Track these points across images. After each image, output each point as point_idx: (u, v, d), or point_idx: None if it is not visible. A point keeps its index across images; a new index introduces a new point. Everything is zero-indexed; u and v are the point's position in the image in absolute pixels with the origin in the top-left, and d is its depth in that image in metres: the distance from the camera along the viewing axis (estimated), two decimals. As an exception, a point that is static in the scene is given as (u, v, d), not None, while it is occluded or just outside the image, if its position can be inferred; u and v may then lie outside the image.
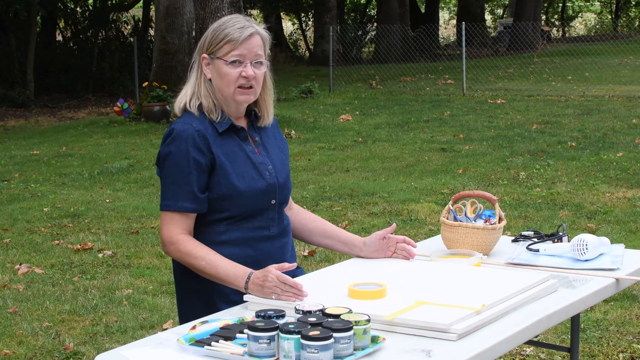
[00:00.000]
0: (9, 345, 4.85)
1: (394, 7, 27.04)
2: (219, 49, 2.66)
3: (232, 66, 2.65)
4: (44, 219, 7.91)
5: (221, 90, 2.68)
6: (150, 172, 10.15)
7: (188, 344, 2.16)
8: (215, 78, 2.68)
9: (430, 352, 2.10)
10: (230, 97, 2.68)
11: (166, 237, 2.61)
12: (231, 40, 2.65)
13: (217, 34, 2.68)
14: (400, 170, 9.72)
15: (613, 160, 9.59)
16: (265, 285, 2.42)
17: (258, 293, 2.45)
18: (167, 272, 6.14)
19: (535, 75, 19.61)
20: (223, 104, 2.70)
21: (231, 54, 2.65)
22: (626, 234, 6.70)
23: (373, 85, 19.18)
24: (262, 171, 2.69)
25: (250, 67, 2.65)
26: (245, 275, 2.50)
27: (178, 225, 2.60)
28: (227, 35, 2.65)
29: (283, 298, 2.39)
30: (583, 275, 2.77)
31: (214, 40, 2.67)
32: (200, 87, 2.69)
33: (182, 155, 2.60)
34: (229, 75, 2.65)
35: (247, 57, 2.65)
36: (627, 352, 4.47)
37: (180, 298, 2.77)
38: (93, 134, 14.12)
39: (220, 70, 2.66)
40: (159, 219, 2.65)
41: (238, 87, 2.66)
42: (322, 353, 2.00)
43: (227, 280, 2.54)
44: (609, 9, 43.38)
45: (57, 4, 24.18)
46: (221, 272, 2.55)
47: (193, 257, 2.57)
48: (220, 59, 2.66)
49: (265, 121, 2.79)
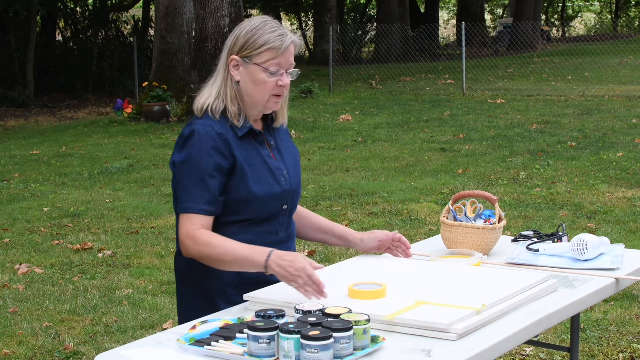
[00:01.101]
0: (9, 345, 4.85)
1: (394, 7, 27.04)
2: (258, 55, 2.59)
3: (270, 75, 2.60)
4: (44, 219, 7.91)
5: (252, 95, 2.63)
6: (150, 172, 10.15)
7: (188, 344, 2.16)
8: (246, 82, 2.62)
9: (430, 352, 2.10)
10: (262, 104, 2.64)
11: (184, 234, 2.54)
12: (273, 49, 2.58)
13: (255, 38, 2.59)
14: (400, 170, 9.72)
15: (613, 160, 9.59)
16: (289, 270, 2.39)
17: (279, 273, 2.41)
18: (167, 272, 6.14)
19: (535, 75, 19.61)
20: (249, 107, 2.66)
21: (271, 63, 2.59)
22: (626, 234, 6.70)
23: (373, 85, 19.18)
24: (278, 177, 2.67)
25: (286, 77, 2.62)
26: (265, 253, 2.45)
27: (197, 223, 2.54)
28: (268, 43, 2.58)
29: (301, 290, 2.37)
30: (583, 275, 2.77)
31: (251, 44, 2.59)
32: (227, 89, 2.63)
33: (204, 157, 2.55)
34: (266, 84, 2.60)
35: (284, 65, 2.61)
36: (627, 352, 4.47)
37: (182, 298, 2.76)
38: (93, 134, 14.12)
39: (255, 76, 2.60)
40: (177, 222, 2.58)
41: (272, 95, 2.62)
42: (322, 353, 2.00)
43: (246, 260, 2.48)
44: (609, 9, 43.39)
45: (57, 4, 24.18)
46: (239, 254, 2.49)
47: (211, 246, 2.51)
48: (259, 66, 2.59)
49: (280, 121, 2.77)
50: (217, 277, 2.62)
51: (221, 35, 14.21)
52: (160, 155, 11.41)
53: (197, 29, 14.70)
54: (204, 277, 2.63)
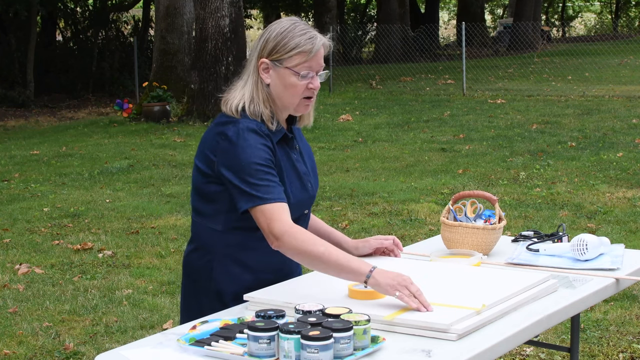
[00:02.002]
0: (9, 345, 4.85)
1: (394, 7, 27.04)
2: (289, 59, 2.57)
3: (301, 78, 2.58)
4: (44, 219, 7.91)
5: (282, 98, 2.61)
6: (150, 172, 10.15)
7: (188, 344, 2.15)
8: (277, 85, 2.60)
9: (430, 352, 2.10)
10: (293, 107, 2.63)
11: (280, 228, 2.48)
12: (304, 52, 2.56)
13: (285, 41, 2.57)
14: (400, 170, 9.72)
15: (613, 160, 9.59)
16: (397, 280, 2.35)
17: (384, 283, 2.36)
18: (167, 272, 6.15)
19: (535, 75, 19.61)
20: (279, 110, 2.64)
21: (302, 66, 2.57)
22: (626, 234, 6.70)
23: (373, 85, 19.18)
24: (305, 182, 2.67)
25: (316, 79, 2.60)
26: (369, 265, 2.42)
27: (287, 214, 2.51)
28: (299, 46, 2.56)
29: (405, 300, 2.33)
30: (583, 275, 2.77)
31: (281, 48, 2.57)
32: (259, 93, 2.60)
33: (261, 152, 2.52)
34: (297, 87, 2.58)
35: (314, 68, 2.59)
36: (627, 352, 4.47)
37: (188, 296, 2.73)
38: (93, 134, 14.12)
39: (286, 80, 2.58)
40: (258, 216, 2.50)
41: (303, 98, 2.61)
42: (322, 353, 2.00)
43: (349, 266, 2.43)
44: (609, 9, 43.40)
45: (57, 4, 24.18)
46: (342, 257, 2.44)
47: (312, 243, 2.47)
48: (290, 69, 2.57)
49: (304, 122, 2.75)
50: (236, 279, 2.62)
51: (221, 35, 14.20)
52: (160, 155, 11.41)
53: (197, 29, 14.69)
54: (221, 278, 2.62)
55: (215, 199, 2.61)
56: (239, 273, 2.62)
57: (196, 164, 2.65)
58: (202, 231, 2.66)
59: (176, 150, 11.74)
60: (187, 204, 8.30)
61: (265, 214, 2.49)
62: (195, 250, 2.68)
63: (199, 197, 2.65)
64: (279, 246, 2.50)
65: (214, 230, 2.63)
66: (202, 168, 2.61)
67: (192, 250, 2.70)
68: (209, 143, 2.59)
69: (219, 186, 2.58)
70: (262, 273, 2.64)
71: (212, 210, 2.62)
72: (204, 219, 2.65)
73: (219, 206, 2.60)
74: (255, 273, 2.64)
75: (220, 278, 2.62)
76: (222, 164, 2.55)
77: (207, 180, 2.61)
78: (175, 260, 6.44)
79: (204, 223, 2.65)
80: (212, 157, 2.57)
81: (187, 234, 7.18)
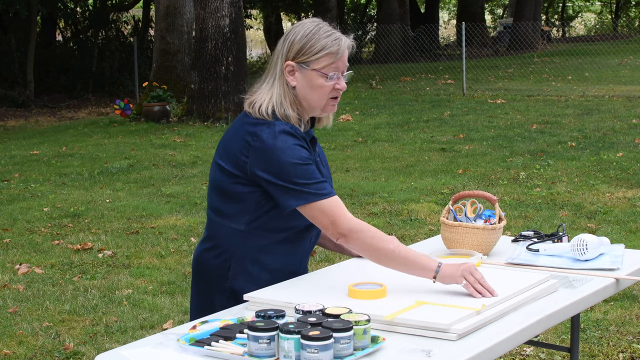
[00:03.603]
0: (9, 345, 4.85)
1: (394, 7, 27.04)
2: (316, 61, 2.58)
3: (329, 79, 2.60)
4: (44, 219, 7.91)
5: (310, 100, 2.62)
6: (150, 172, 10.15)
7: (188, 344, 2.16)
8: (303, 87, 2.61)
9: (430, 352, 2.10)
10: (320, 108, 2.64)
11: (346, 225, 2.51)
12: (330, 54, 2.58)
13: (312, 43, 2.59)
14: (400, 170, 9.72)
15: (613, 160, 9.59)
16: (461, 268, 2.46)
17: (451, 274, 2.47)
18: (167, 272, 6.15)
19: (535, 75, 19.61)
20: (305, 112, 2.65)
21: (330, 68, 2.59)
22: (626, 234, 6.70)
23: (373, 85, 19.18)
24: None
25: (342, 80, 2.63)
26: (435, 261, 2.51)
27: (346, 209, 2.55)
28: (325, 47, 2.58)
29: (470, 289, 2.43)
30: (583, 275, 2.77)
31: (308, 50, 2.58)
32: (286, 95, 2.61)
33: (302, 150, 2.55)
34: (324, 88, 2.60)
35: (340, 69, 2.62)
36: (627, 352, 4.47)
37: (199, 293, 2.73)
38: (93, 134, 14.12)
39: (313, 81, 2.60)
40: (316, 214, 2.52)
41: (330, 98, 2.63)
42: (322, 353, 2.00)
43: (419, 262, 2.51)
44: (609, 9, 43.39)
45: (57, 4, 24.18)
46: (410, 254, 2.52)
47: (382, 240, 2.51)
48: (317, 71, 2.59)
49: (323, 123, 2.77)
50: (253, 278, 2.62)
51: (221, 35, 14.20)
52: (160, 155, 11.41)
53: (197, 29, 14.69)
54: (238, 277, 2.63)
55: (241, 198, 2.60)
56: (257, 272, 2.63)
57: (219, 163, 2.64)
58: (222, 230, 2.65)
59: (176, 150, 11.75)
60: (187, 204, 8.30)
61: (326, 210, 2.52)
62: (212, 249, 2.68)
63: (222, 197, 2.63)
64: (346, 242, 2.53)
65: (235, 230, 2.62)
66: (228, 168, 2.60)
67: (207, 249, 2.69)
68: (238, 144, 2.58)
69: (246, 187, 2.58)
70: (279, 274, 2.65)
71: (236, 210, 2.61)
72: (225, 218, 2.64)
73: (244, 206, 2.60)
74: (272, 273, 2.65)
75: (237, 277, 2.63)
76: (257, 165, 2.54)
77: (233, 181, 2.59)
78: (175, 260, 6.44)
79: (224, 222, 2.64)
80: (242, 158, 2.57)
81: (187, 233, 7.18)
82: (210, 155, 11.20)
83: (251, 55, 31.32)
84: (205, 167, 10.31)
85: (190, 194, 8.81)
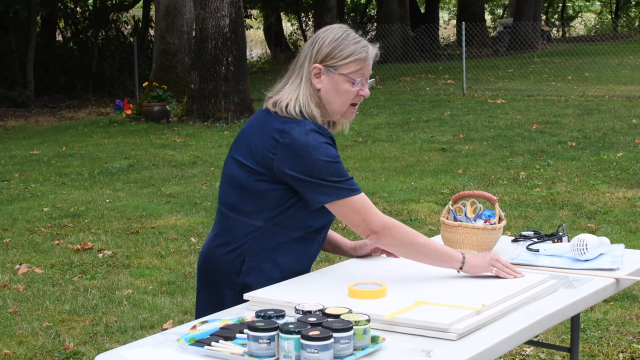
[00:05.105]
0: (9, 345, 4.85)
1: (394, 7, 27.04)
2: (344, 66, 2.63)
3: (355, 85, 2.65)
4: (44, 219, 7.91)
5: (332, 104, 2.66)
6: (150, 172, 10.15)
7: (188, 344, 2.16)
8: (328, 91, 2.65)
9: (430, 352, 2.10)
10: (340, 113, 2.69)
11: (379, 222, 2.58)
12: (359, 60, 2.64)
13: (341, 48, 2.63)
14: (400, 170, 9.72)
15: (613, 160, 9.59)
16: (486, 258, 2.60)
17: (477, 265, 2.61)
18: (167, 272, 6.15)
19: (535, 75, 19.61)
20: (326, 115, 2.69)
21: (357, 73, 2.64)
22: (626, 234, 6.70)
23: (373, 85, 19.17)
24: None
25: (366, 86, 2.68)
26: (459, 252, 2.64)
27: (374, 206, 2.61)
28: (354, 53, 2.63)
29: (502, 274, 2.59)
30: (583, 275, 2.77)
31: (336, 54, 2.63)
32: (312, 97, 2.64)
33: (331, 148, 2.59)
34: (348, 93, 2.65)
35: (366, 75, 2.68)
36: (627, 352, 4.47)
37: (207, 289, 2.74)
38: (93, 134, 14.12)
39: (339, 86, 2.64)
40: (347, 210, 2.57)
41: (350, 104, 2.68)
42: (322, 353, 2.00)
43: (446, 254, 2.62)
44: (609, 9, 43.39)
45: (57, 4, 24.18)
46: (439, 247, 2.63)
47: (413, 234, 2.60)
48: (344, 76, 2.63)
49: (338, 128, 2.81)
50: (266, 275, 2.63)
51: (221, 35, 14.20)
52: (160, 155, 11.41)
53: (197, 29, 14.70)
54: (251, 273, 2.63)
55: (262, 195, 2.60)
56: (270, 269, 2.64)
57: (240, 160, 2.64)
58: (237, 227, 2.65)
59: (176, 150, 11.75)
60: (187, 204, 8.30)
61: (358, 207, 2.58)
62: (224, 245, 2.67)
63: (241, 193, 2.64)
64: (377, 238, 2.59)
65: (251, 226, 2.63)
66: (251, 165, 2.60)
67: (219, 245, 2.69)
68: (264, 141, 2.59)
69: (270, 184, 2.59)
70: (289, 273, 2.67)
71: (256, 207, 2.62)
72: (242, 215, 2.64)
73: (265, 203, 2.61)
74: (283, 272, 2.66)
75: (250, 272, 2.64)
76: (286, 162, 2.55)
77: (256, 178, 2.60)
78: (175, 260, 6.44)
79: (241, 219, 2.64)
80: (269, 155, 2.57)
81: (187, 233, 7.18)
82: (211, 155, 11.20)
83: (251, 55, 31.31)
84: (205, 167, 10.31)
85: (190, 194, 8.81)
